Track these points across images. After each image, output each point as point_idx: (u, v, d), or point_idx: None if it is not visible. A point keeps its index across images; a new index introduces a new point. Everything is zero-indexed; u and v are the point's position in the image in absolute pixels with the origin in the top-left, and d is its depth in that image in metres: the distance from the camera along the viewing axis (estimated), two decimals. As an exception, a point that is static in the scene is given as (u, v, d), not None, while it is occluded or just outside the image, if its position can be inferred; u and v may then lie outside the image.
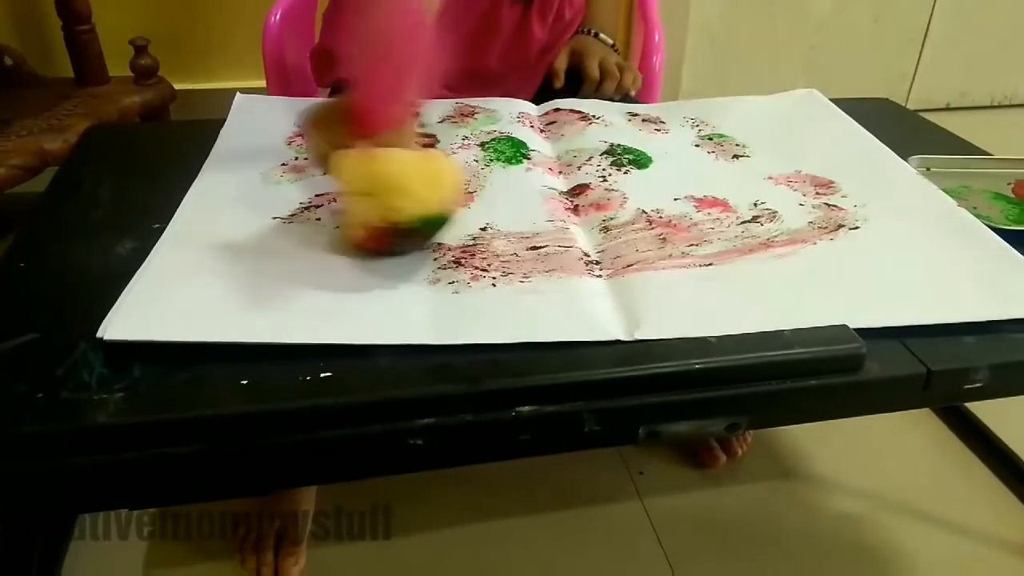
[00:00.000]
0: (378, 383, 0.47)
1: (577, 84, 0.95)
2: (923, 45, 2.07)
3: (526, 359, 0.49)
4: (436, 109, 0.82)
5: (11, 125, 1.29)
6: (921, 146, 0.80)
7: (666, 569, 0.89)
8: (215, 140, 0.73)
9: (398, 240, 0.56)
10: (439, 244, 0.59)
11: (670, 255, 0.60)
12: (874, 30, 2.00)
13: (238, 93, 0.82)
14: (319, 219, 0.62)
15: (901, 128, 0.84)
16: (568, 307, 0.54)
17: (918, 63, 2.10)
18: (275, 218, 0.62)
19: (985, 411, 1.09)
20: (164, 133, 0.90)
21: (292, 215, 0.62)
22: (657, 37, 1.14)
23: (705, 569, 0.90)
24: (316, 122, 0.62)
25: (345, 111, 0.59)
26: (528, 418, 0.47)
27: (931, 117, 0.95)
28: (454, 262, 0.57)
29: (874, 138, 0.81)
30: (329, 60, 0.95)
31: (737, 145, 0.80)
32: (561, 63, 0.96)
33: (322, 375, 0.47)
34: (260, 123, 0.77)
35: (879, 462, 1.05)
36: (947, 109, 2.18)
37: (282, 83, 1.05)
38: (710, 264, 0.59)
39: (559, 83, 0.95)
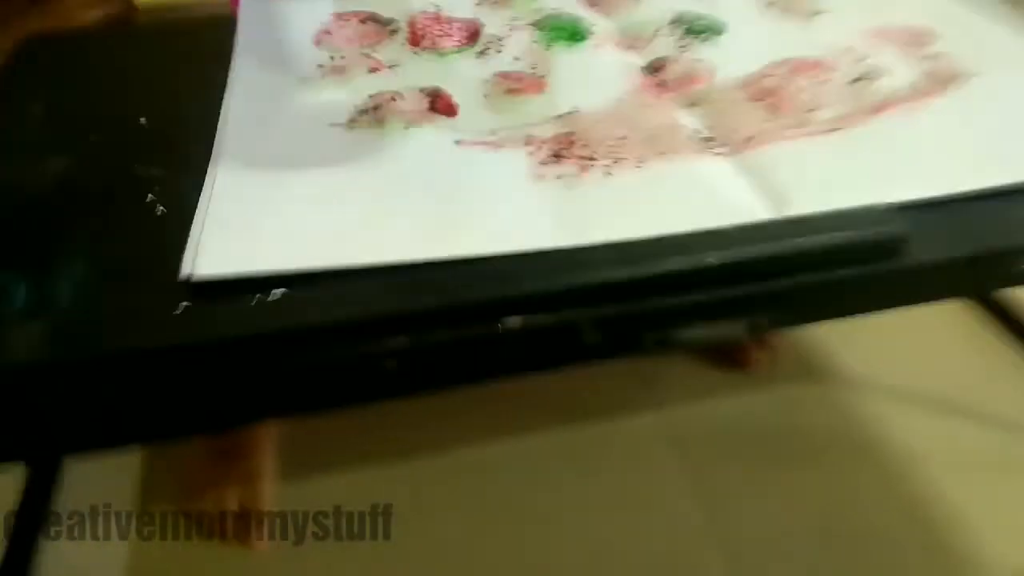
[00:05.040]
0: (340, 302, 0.41)
1: None
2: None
3: (510, 262, 0.43)
4: None
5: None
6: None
7: (687, 483, 0.85)
8: (170, 47, 0.67)
9: None
10: (530, 136, 0.53)
11: (790, 124, 0.54)
12: None
13: None
14: (383, 120, 0.56)
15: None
16: (701, 190, 0.49)
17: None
18: (333, 125, 0.56)
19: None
20: (117, 41, 0.82)
21: (352, 120, 0.56)
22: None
23: (729, 479, 0.86)
24: None
25: None
26: (516, 331, 0.42)
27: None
28: (553, 156, 0.52)
29: None
30: None
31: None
32: None
33: (275, 291, 0.41)
34: (275, 27, 0.69)
35: (911, 359, 1.00)
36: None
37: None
38: (837, 129, 0.54)
39: None
